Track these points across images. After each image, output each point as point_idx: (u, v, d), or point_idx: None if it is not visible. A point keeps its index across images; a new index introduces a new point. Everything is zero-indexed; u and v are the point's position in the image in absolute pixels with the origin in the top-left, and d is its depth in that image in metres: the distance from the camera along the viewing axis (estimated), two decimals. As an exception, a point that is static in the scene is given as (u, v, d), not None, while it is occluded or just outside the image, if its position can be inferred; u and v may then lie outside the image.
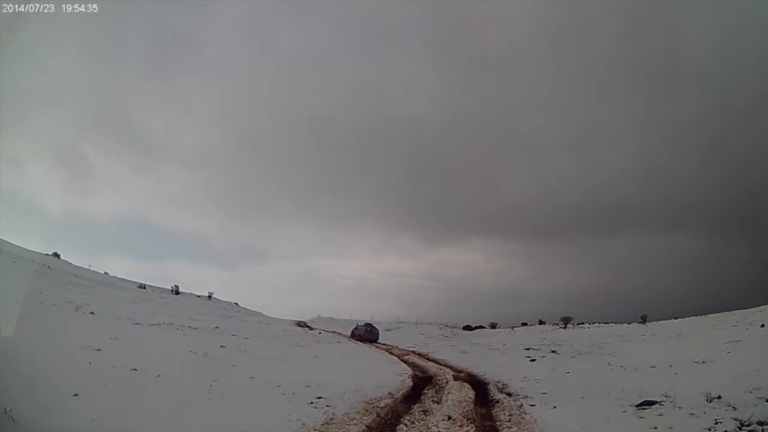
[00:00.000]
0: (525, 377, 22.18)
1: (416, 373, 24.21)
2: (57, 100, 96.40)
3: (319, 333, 50.10)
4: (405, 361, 30.06)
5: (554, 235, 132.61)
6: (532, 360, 30.75)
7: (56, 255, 55.65)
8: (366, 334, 48.73)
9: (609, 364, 25.77)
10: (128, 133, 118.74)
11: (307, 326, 58.08)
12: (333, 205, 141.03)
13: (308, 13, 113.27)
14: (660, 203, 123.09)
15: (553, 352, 34.25)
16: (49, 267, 40.93)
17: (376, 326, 50.98)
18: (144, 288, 57.76)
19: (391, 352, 35.96)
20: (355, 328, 52.03)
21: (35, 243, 66.38)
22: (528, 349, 36.68)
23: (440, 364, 29.21)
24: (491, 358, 32.11)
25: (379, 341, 47.63)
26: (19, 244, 41.05)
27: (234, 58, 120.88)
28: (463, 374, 24.52)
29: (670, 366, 21.02)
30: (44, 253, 52.08)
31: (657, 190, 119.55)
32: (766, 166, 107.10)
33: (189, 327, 32.68)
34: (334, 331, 55.17)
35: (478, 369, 26.07)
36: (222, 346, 24.73)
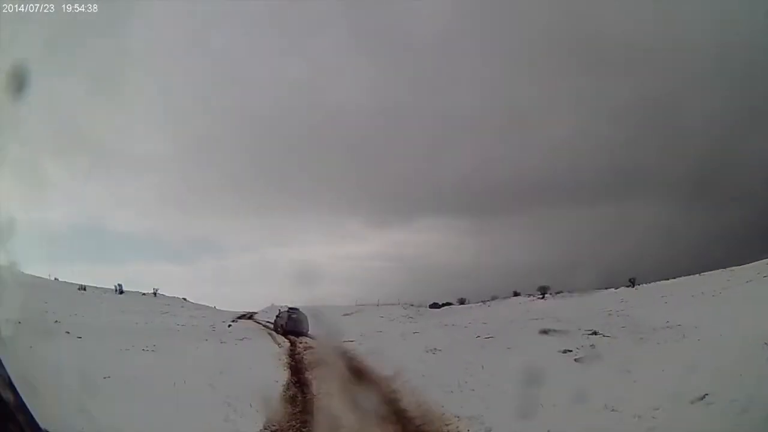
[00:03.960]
0: None
1: None
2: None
3: (229, 326, 29.90)
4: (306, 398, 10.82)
5: (499, 210, 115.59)
6: (578, 359, 12.41)
7: None
8: (289, 325, 27.86)
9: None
10: (78, 140, 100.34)
11: (248, 318, 43.81)
12: (281, 197, 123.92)
13: (239, 16, 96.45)
14: (606, 173, 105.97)
15: (595, 333, 15.68)
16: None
17: (303, 312, 29.74)
18: (84, 289, 45.29)
19: (301, 360, 16.35)
20: (277, 316, 31.19)
21: None
22: (545, 331, 17.34)
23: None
24: (494, 364, 12.93)
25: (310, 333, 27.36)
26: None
27: (173, 65, 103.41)
28: None
29: None
30: None
31: (601, 161, 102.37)
32: (715, 130, 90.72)
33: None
34: (267, 322, 36.17)
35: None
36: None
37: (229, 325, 29.49)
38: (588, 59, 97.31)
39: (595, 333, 15.71)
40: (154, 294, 54.78)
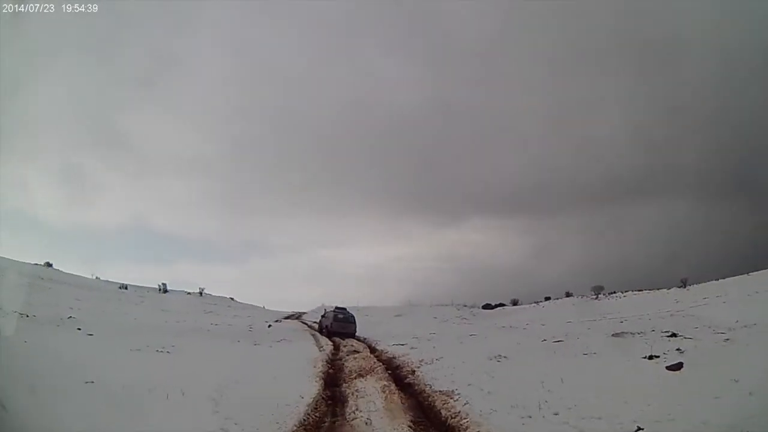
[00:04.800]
0: None
1: None
2: (52, 117, 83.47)
3: (269, 326, 27.32)
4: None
5: (548, 211, 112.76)
6: (674, 366, 9.68)
7: (48, 264, 47.04)
8: (334, 326, 25.06)
9: None
10: (123, 144, 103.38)
11: (295, 318, 42.87)
12: (333, 198, 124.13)
13: (284, 18, 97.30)
14: (656, 172, 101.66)
15: (674, 335, 14.02)
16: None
17: (350, 312, 26.61)
18: (126, 288, 47.20)
19: (340, 367, 13.93)
20: (323, 316, 28.21)
21: (42, 258, 50.11)
22: (618, 334, 15.90)
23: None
24: (574, 376, 9.94)
25: (358, 334, 24.86)
26: (21, 260, 36.41)
27: (216, 67, 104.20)
28: None
29: None
30: (35, 263, 44.12)
31: (651, 160, 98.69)
32: (759, 130, 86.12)
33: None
34: (314, 322, 33.67)
35: None
36: None
37: (269, 326, 27.12)
38: (632, 59, 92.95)
39: (674, 335, 13.97)
40: (200, 293, 55.35)
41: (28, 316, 15.81)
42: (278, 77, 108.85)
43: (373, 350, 18.36)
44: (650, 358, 10.76)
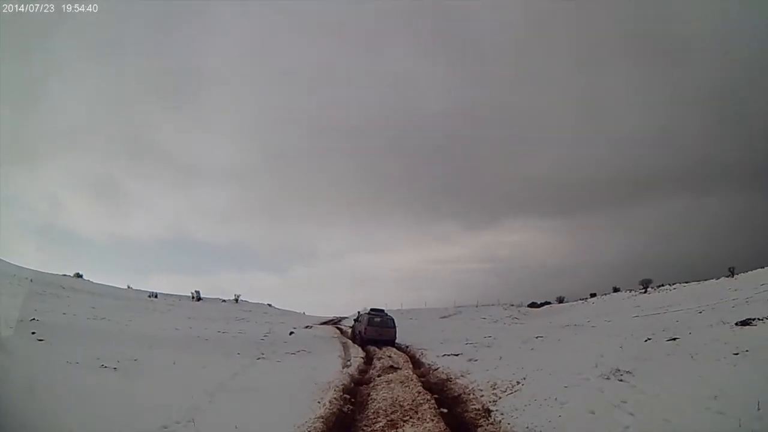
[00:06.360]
0: None
1: None
2: (85, 132, 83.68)
3: (290, 333, 21.99)
4: None
5: (582, 208, 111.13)
6: None
7: (78, 275, 45.66)
8: (369, 332, 19.80)
9: None
10: (157, 156, 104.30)
11: (332, 324, 37.23)
12: (369, 203, 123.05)
13: (312, 26, 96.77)
14: (688, 166, 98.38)
15: None
16: (31, 280, 28.99)
17: (389, 315, 21.25)
18: (156, 297, 44.55)
19: (364, 401, 9.05)
20: (356, 320, 23.34)
21: (77, 270, 48.64)
22: (746, 322, 11.97)
23: None
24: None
25: (398, 341, 19.77)
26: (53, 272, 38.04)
27: (246, 77, 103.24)
28: None
29: None
30: (63, 274, 43.29)
31: (683, 154, 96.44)
32: None
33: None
34: (348, 327, 28.47)
35: None
36: None
37: (291, 333, 22.03)
38: (662, 53, 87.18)
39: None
40: (236, 300, 52.81)
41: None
42: (308, 85, 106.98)
43: (417, 365, 13.07)
44: None
